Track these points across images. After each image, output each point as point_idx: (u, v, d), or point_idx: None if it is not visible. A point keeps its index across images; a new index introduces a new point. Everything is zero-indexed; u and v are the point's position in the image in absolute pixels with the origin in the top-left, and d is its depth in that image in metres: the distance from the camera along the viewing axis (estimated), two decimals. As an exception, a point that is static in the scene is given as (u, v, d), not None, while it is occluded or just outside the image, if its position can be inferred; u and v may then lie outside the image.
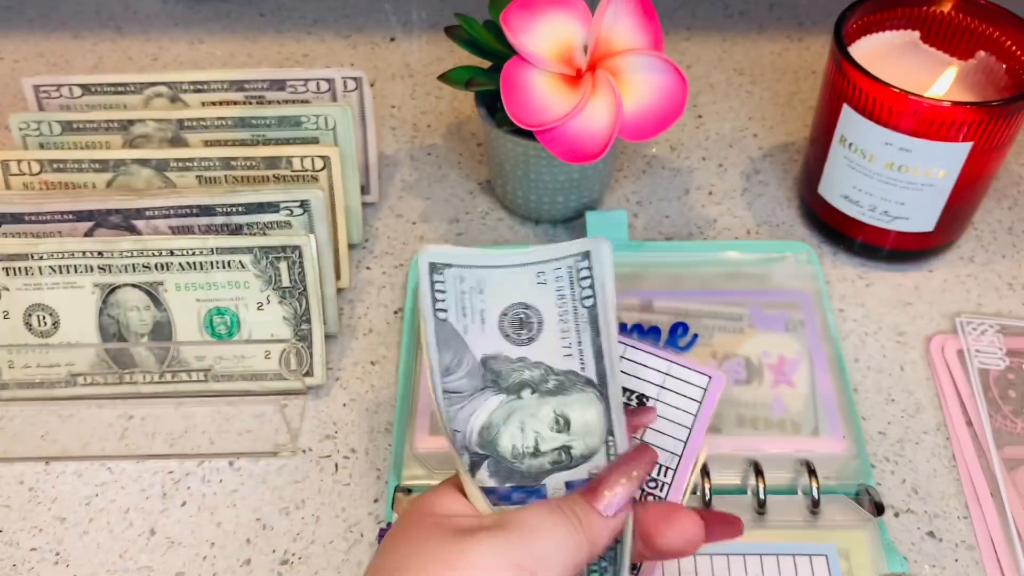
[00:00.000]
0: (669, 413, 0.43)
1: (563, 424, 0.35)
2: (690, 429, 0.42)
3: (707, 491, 0.44)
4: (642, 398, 0.43)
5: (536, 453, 0.34)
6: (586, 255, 0.35)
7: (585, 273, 0.35)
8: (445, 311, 0.35)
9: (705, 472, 0.44)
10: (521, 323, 0.36)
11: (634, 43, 0.50)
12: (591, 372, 0.35)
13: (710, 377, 0.43)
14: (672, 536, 0.33)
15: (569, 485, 0.34)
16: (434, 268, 0.35)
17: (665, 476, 0.41)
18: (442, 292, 0.35)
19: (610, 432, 0.35)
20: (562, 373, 0.35)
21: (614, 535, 0.32)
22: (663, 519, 0.33)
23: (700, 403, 0.43)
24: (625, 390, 0.44)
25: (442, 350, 0.35)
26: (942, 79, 0.52)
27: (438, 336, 0.35)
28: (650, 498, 0.41)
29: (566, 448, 0.35)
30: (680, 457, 0.42)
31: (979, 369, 0.50)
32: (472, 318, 0.35)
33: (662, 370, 0.44)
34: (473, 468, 0.34)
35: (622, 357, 0.45)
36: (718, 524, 0.35)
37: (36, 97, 0.56)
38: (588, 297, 0.35)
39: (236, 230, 0.50)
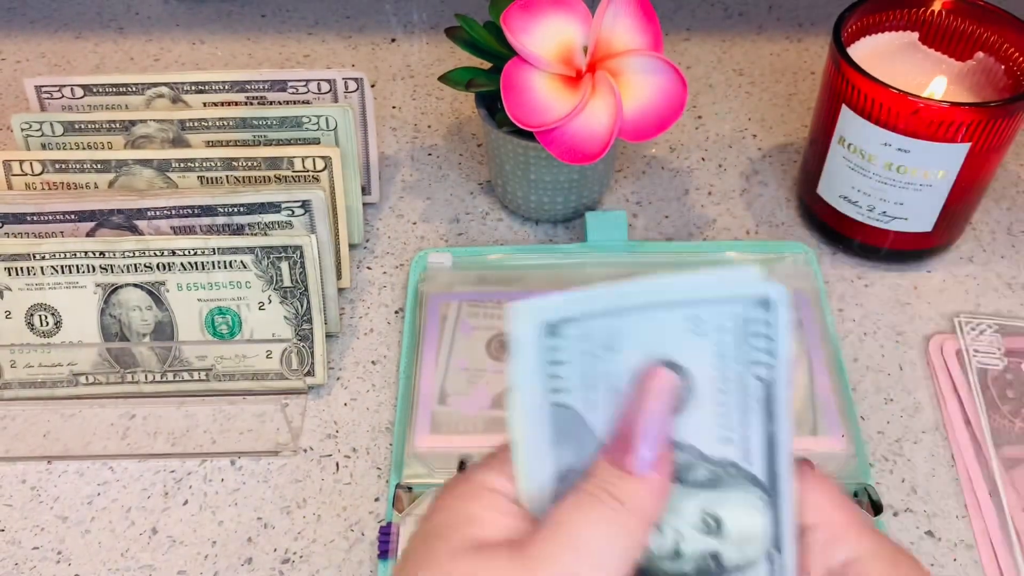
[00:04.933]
0: None
1: (713, 525, 0.26)
2: None
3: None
4: None
5: (676, 555, 0.26)
6: (765, 303, 0.24)
7: (763, 330, 0.24)
8: (567, 391, 0.23)
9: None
10: None
11: (634, 44, 0.50)
12: (758, 468, 0.26)
13: None
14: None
15: None
16: (552, 330, 0.23)
17: None
18: (560, 363, 0.23)
19: (777, 546, 0.26)
20: (718, 463, 0.26)
21: (662, 495, 0.25)
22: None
23: None
24: None
25: (560, 448, 0.24)
26: (937, 80, 0.52)
27: (555, 429, 0.24)
28: None
29: (714, 556, 0.26)
30: None
31: (978, 369, 0.50)
32: (602, 390, 0.24)
33: None
34: None
35: None
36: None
37: (38, 97, 0.56)
38: (763, 364, 0.25)
39: (237, 230, 0.50)
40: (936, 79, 0.52)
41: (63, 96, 0.56)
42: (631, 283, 0.23)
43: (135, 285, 0.48)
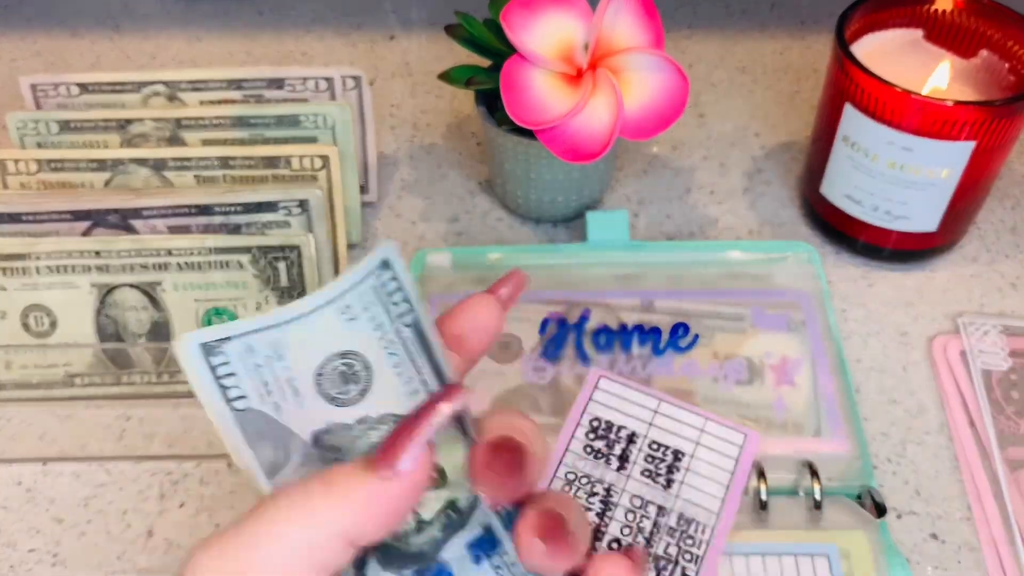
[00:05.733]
0: (705, 470, 0.43)
1: (438, 478, 0.28)
2: (727, 487, 0.43)
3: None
4: (678, 454, 0.44)
5: (420, 526, 0.28)
6: (386, 264, 0.28)
7: (393, 286, 0.28)
8: (243, 397, 0.27)
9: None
10: (344, 377, 0.28)
11: (635, 42, 0.50)
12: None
13: (746, 435, 0.44)
14: (468, 324, 0.29)
15: (472, 547, 0.28)
16: (208, 350, 0.26)
17: (703, 534, 0.41)
18: (230, 376, 0.27)
19: None
20: None
21: (412, 490, 0.25)
22: (459, 317, 0.29)
23: (736, 461, 0.43)
24: (660, 445, 0.44)
25: (258, 446, 0.27)
26: (938, 71, 0.52)
27: (245, 431, 0.27)
28: (687, 556, 0.41)
29: (451, 504, 0.28)
30: (718, 515, 0.42)
31: (982, 370, 0.50)
32: (281, 393, 0.27)
33: (697, 426, 0.45)
34: (359, 569, 0.27)
35: (656, 412, 0.45)
36: (505, 284, 0.31)
37: (33, 96, 0.56)
38: (406, 313, 0.28)
39: (234, 230, 0.49)
40: (939, 67, 0.52)
41: (59, 95, 0.55)
42: (283, 307, 0.27)
43: (131, 285, 0.48)
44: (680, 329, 0.50)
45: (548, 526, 0.27)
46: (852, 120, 0.50)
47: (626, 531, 0.42)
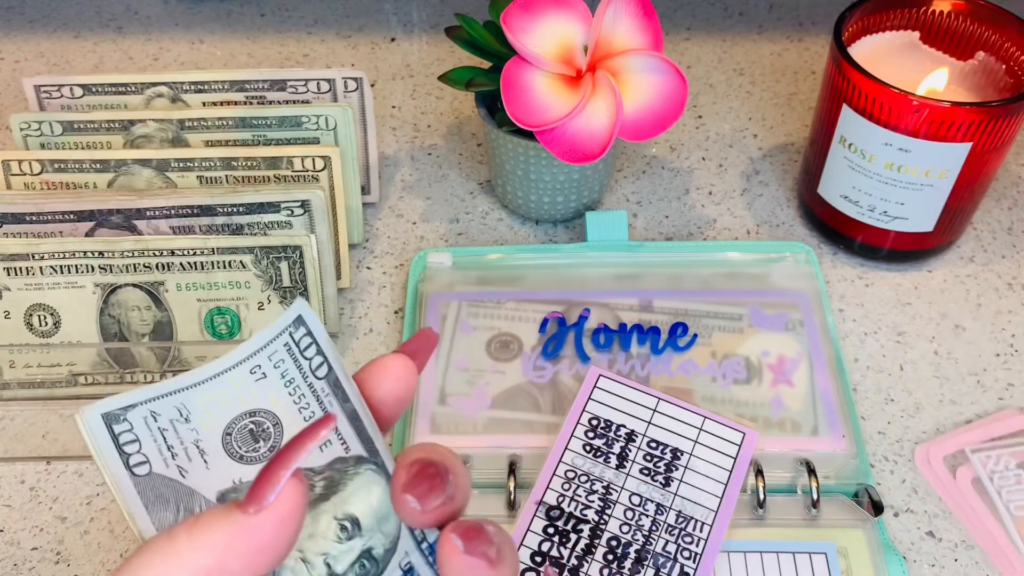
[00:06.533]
0: (703, 468, 0.44)
1: (352, 527, 0.27)
2: (725, 485, 0.43)
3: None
4: (676, 452, 0.44)
5: None
6: (299, 321, 0.28)
7: (307, 342, 0.28)
8: (144, 462, 0.27)
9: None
10: (254, 435, 0.28)
11: (634, 43, 0.50)
12: (356, 446, 0.27)
13: (744, 434, 0.44)
14: (386, 386, 0.28)
15: None
16: (111, 418, 0.27)
17: (701, 532, 0.42)
18: (132, 443, 0.27)
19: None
20: (326, 468, 0.27)
21: (288, 522, 0.24)
22: (375, 376, 0.28)
23: (735, 459, 0.44)
24: (659, 443, 0.44)
25: (157, 509, 0.27)
26: (935, 73, 0.52)
27: (144, 496, 0.26)
28: (685, 553, 0.41)
29: (367, 553, 0.27)
30: (716, 513, 0.42)
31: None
32: (186, 455, 0.27)
33: (696, 425, 0.45)
34: None
35: (655, 411, 0.46)
36: (417, 344, 0.30)
37: (37, 97, 0.56)
38: (320, 365, 0.28)
39: (237, 230, 0.50)
40: (936, 69, 0.52)
41: (62, 96, 0.56)
42: (193, 370, 0.27)
43: (134, 285, 0.48)
44: (679, 328, 0.50)
45: (424, 473, 0.26)
46: (849, 121, 0.50)
47: (625, 529, 0.42)
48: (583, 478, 0.43)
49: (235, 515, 0.24)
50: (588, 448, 0.44)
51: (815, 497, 0.43)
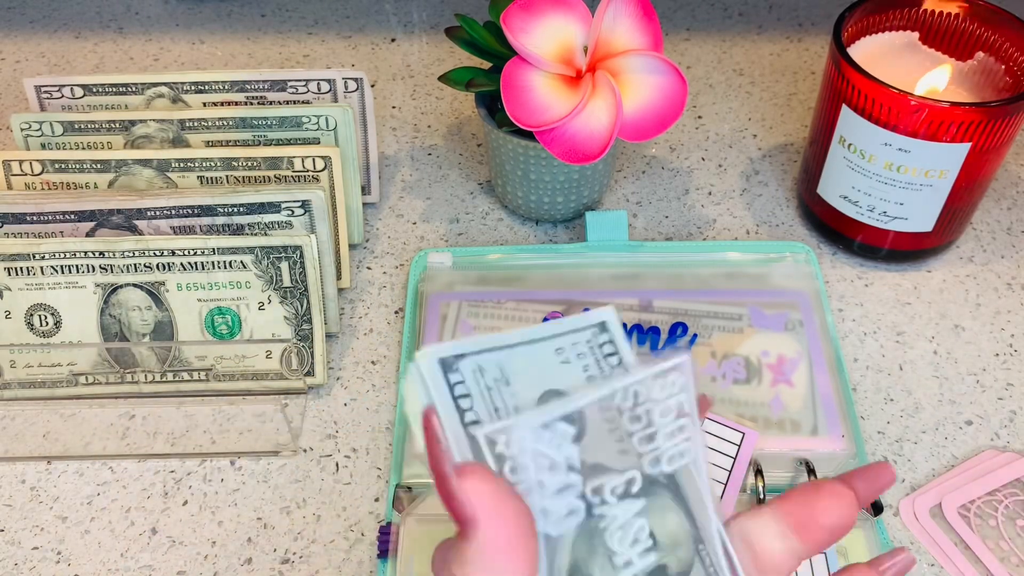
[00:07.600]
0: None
1: (651, 539, 0.26)
2: (725, 485, 0.43)
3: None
4: None
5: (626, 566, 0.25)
6: (602, 326, 0.27)
7: (608, 349, 0.27)
8: (477, 423, 0.25)
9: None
10: (564, 416, 0.25)
11: (634, 44, 0.50)
12: (648, 466, 0.26)
13: (743, 434, 0.44)
14: (828, 516, 0.27)
15: None
16: (446, 365, 0.25)
17: None
18: (465, 397, 0.25)
19: (699, 539, 0.26)
20: (625, 478, 0.26)
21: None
22: (808, 503, 0.27)
23: (734, 459, 0.44)
24: None
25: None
26: (934, 73, 0.52)
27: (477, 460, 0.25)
28: None
29: (661, 569, 0.26)
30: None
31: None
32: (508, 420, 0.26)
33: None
34: None
35: None
36: (866, 481, 0.29)
37: (38, 97, 0.56)
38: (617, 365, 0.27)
39: (237, 230, 0.50)
40: (935, 70, 0.52)
41: (63, 96, 0.56)
42: (499, 335, 0.27)
43: (135, 285, 0.48)
44: (678, 328, 0.50)
45: None
46: (849, 121, 0.50)
47: None
48: None
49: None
50: None
51: (814, 497, 0.43)
